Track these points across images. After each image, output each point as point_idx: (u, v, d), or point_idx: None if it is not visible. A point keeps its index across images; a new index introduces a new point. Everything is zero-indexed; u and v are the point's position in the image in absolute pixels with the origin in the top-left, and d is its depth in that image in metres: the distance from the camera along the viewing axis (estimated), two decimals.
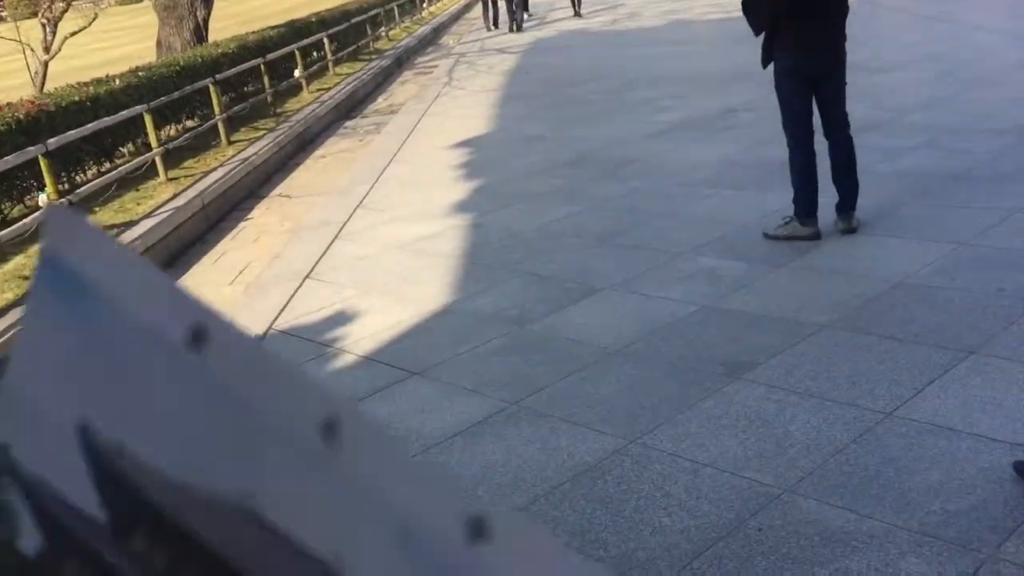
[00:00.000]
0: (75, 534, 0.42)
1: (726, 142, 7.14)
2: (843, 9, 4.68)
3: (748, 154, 6.62)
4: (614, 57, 12.63)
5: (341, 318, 4.62)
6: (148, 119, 8.18)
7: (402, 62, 15.99)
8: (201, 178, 8.11)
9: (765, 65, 4.74)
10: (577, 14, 18.16)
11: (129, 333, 0.41)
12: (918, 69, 8.89)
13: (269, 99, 11.41)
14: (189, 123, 10.25)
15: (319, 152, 9.91)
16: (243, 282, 5.90)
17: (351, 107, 12.20)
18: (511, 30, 17.00)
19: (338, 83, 13.22)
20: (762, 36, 4.70)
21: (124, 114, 8.06)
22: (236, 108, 10.63)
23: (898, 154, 6.08)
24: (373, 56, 16.23)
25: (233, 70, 10.81)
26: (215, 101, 9.63)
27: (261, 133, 10.03)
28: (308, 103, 11.75)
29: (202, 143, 9.56)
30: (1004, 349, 3.42)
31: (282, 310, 4.84)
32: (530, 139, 8.25)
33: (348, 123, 11.35)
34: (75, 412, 0.42)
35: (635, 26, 16.05)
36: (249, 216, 7.68)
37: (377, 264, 5.42)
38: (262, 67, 11.39)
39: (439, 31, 20.47)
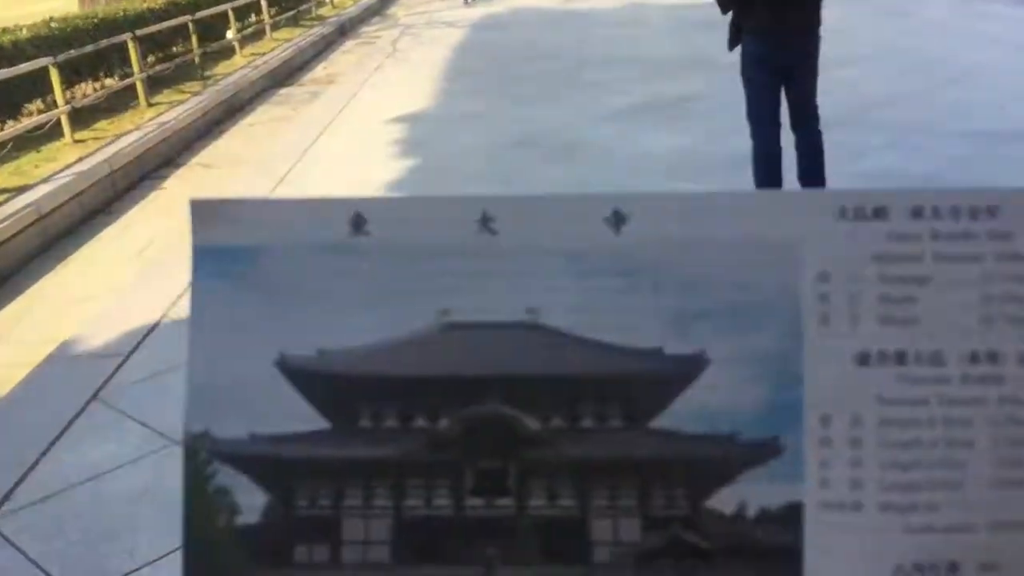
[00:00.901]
0: (299, 475, 0.48)
1: (681, 131, 6.71)
2: None
3: (704, 145, 6.20)
4: (567, 37, 12.13)
5: None
6: (54, 73, 7.42)
7: (345, 31, 15.27)
8: (112, 142, 7.40)
9: (732, 47, 4.29)
10: None
11: (304, 253, 0.49)
12: (883, 64, 8.58)
13: (196, 60, 10.64)
14: (109, 82, 9.46)
15: (248, 120, 9.23)
16: (145, 259, 5.29)
17: (287, 74, 11.49)
18: (465, 3, 16.57)
19: (274, 48, 12.47)
20: (729, 16, 4.26)
21: (26, 67, 7.29)
22: (159, 68, 9.87)
23: (863, 153, 5.71)
24: (315, 23, 15.46)
25: (156, 26, 10.03)
26: (133, 58, 8.88)
27: (186, 96, 9.31)
28: (240, 67, 11.01)
29: (119, 104, 8.82)
30: None
31: (182, 295, 4.26)
32: (473, 117, 7.72)
33: (282, 90, 10.65)
34: (272, 352, 0.48)
35: (591, 7, 15.56)
36: (163, 186, 7.02)
37: None
38: (190, 26, 10.61)
39: (387, 2, 19.73)
